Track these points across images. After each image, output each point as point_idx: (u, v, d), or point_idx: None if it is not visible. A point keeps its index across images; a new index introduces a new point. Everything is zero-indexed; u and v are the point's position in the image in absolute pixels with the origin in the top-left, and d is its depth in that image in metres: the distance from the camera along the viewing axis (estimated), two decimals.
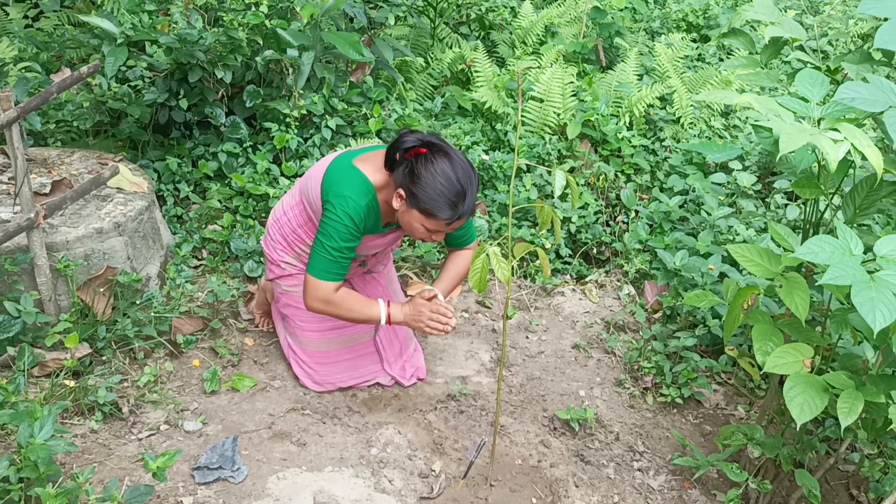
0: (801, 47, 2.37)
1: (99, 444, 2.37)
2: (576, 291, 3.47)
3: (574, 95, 4.34)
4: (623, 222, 3.85)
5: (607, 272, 3.61)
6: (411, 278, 3.40)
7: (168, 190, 3.51)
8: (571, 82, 4.37)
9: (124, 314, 2.75)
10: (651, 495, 2.51)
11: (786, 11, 5.77)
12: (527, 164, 3.73)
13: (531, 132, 4.30)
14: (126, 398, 2.53)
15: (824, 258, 1.71)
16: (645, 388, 2.95)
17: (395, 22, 4.81)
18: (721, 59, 5.53)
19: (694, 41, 5.72)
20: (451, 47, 5.03)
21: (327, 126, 3.68)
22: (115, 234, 2.80)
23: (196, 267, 3.26)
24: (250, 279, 3.21)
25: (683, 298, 3.12)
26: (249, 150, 3.64)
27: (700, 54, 5.57)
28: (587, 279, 3.56)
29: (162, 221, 3.18)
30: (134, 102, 3.42)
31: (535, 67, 4.64)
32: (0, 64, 3.46)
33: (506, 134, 4.23)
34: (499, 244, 3.41)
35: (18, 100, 2.98)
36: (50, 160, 3.18)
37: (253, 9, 3.48)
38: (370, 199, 2.36)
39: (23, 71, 3.51)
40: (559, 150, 4.17)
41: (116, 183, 3.02)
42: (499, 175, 3.92)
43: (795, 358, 1.92)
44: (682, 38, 5.40)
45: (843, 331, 2.12)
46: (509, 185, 3.85)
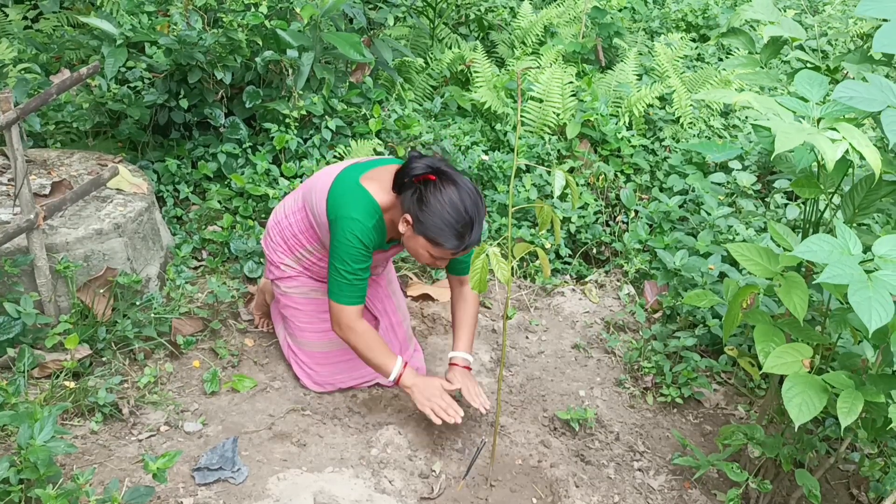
0: (800, 47, 2.37)
1: (99, 445, 2.37)
2: (576, 291, 3.47)
3: (573, 95, 4.35)
4: (623, 222, 3.85)
5: (607, 272, 3.61)
6: (411, 279, 3.40)
7: (168, 191, 3.51)
8: (571, 82, 4.37)
9: (124, 315, 2.75)
10: (651, 495, 2.51)
11: (785, 11, 5.78)
12: (526, 165, 3.73)
13: (531, 132, 4.30)
14: (126, 399, 2.53)
15: (822, 257, 1.71)
16: (645, 388, 2.95)
17: (395, 22, 4.81)
18: (720, 59, 5.53)
19: (693, 41, 5.72)
20: (450, 48, 5.03)
21: (327, 127, 3.68)
22: (115, 236, 2.80)
23: (196, 268, 3.26)
24: (250, 280, 3.21)
25: (683, 298, 3.12)
26: (249, 150, 3.64)
27: (699, 54, 5.57)
28: (587, 279, 3.56)
29: (162, 222, 3.18)
30: (133, 103, 3.42)
31: (534, 68, 4.64)
32: (0, 65, 3.46)
33: (505, 134, 4.23)
34: (498, 244, 3.41)
35: (18, 101, 2.98)
36: (49, 161, 3.18)
37: (252, 10, 3.48)
38: (377, 220, 2.37)
39: (22, 72, 3.51)
40: (559, 151, 4.17)
41: (116, 184, 3.02)
42: (498, 175, 3.92)
43: (794, 358, 1.92)
44: (682, 37, 5.40)
45: (842, 330, 2.12)
46: (509, 186, 3.85)
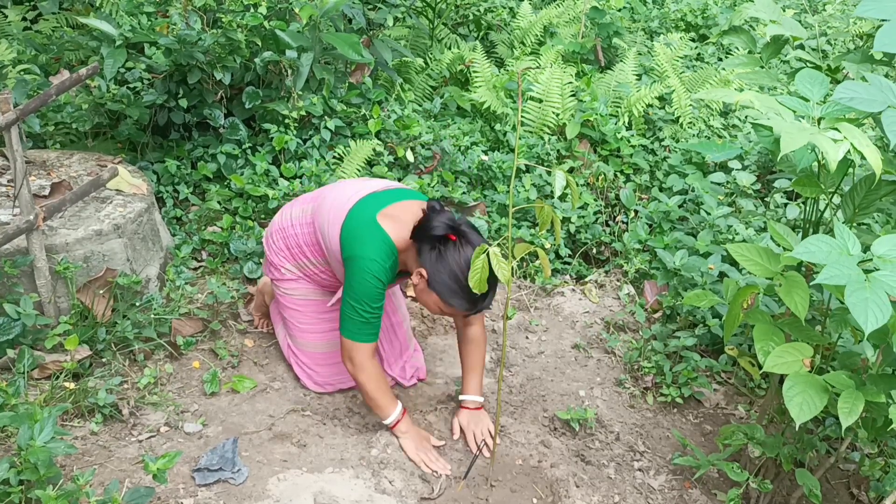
0: (800, 46, 2.37)
1: (99, 446, 2.37)
2: (575, 291, 3.47)
3: (573, 95, 4.35)
4: (622, 222, 3.85)
5: (607, 272, 3.61)
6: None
7: (167, 192, 3.51)
8: (570, 82, 4.38)
9: (124, 316, 2.75)
10: (652, 495, 2.51)
11: (784, 11, 5.78)
12: (526, 165, 3.73)
13: (530, 132, 4.30)
14: (126, 400, 2.53)
15: (821, 257, 1.71)
16: (645, 388, 2.95)
17: (394, 23, 4.81)
18: (720, 59, 5.54)
19: (692, 41, 5.72)
20: (449, 48, 5.03)
21: (326, 127, 3.68)
22: (115, 236, 2.80)
23: (196, 268, 3.26)
24: (250, 280, 3.21)
25: (683, 298, 3.12)
26: (248, 151, 3.63)
27: (699, 54, 5.57)
28: (587, 279, 3.56)
29: (161, 223, 3.18)
30: (133, 104, 3.42)
31: (533, 68, 4.64)
32: None
33: (505, 134, 4.23)
34: (498, 244, 3.41)
35: (17, 102, 2.98)
36: (49, 162, 3.18)
37: (251, 10, 3.48)
38: (393, 260, 2.39)
39: (21, 73, 3.51)
40: (558, 151, 4.17)
41: (116, 185, 3.02)
42: (498, 175, 3.92)
43: (795, 357, 1.92)
44: (681, 37, 5.40)
45: (842, 330, 2.12)
46: (509, 186, 3.85)
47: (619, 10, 5.40)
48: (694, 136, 4.45)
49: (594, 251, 3.75)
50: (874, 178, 2.08)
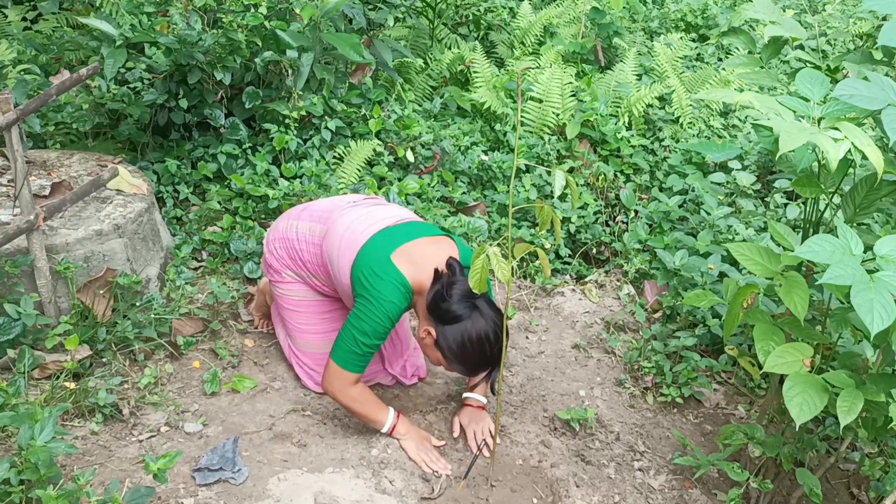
0: (800, 46, 2.37)
1: (99, 445, 2.37)
2: (575, 291, 3.47)
3: (573, 96, 4.35)
4: (622, 222, 3.85)
5: (607, 272, 3.61)
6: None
7: (167, 192, 3.51)
8: (570, 82, 4.38)
9: (124, 316, 2.75)
10: (652, 495, 2.51)
11: (784, 11, 5.78)
12: (526, 165, 3.74)
13: (530, 132, 4.30)
14: (126, 400, 2.53)
15: (824, 257, 1.71)
16: (645, 388, 2.95)
17: (394, 23, 4.81)
18: (720, 59, 5.54)
19: (692, 41, 5.72)
20: (449, 48, 5.03)
21: (327, 127, 3.68)
22: (115, 236, 2.80)
23: (196, 268, 3.26)
24: (250, 280, 3.21)
25: (683, 298, 3.12)
26: (249, 151, 3.63)
27: (699, 54, 5.58)
28: (587, 279, 3.56)
29: (161, 223, 3.18)
30: (133, 104, 3.42)
31: (533, 68, 4.64)
32: None
33: (505, 134, 4.23)
34: (498, 244, 3.41)
35: (18, 102, 2.98)
36: (49, 162, 3.18)
37: (252, 10, 3.48)
38: (409, 302, 2.41)
39: (22, 73, 3.51)
40: (558, 151, 4.17)
41: (116, 185, 3.02)
42: (498, 175, 3.92)
43: (795, 357, 1.92)
44: (681, 38, 5.40)
45: (842, 330, 2.13)
46: (509, 186, 3.85)
47: (619, 11, 5.39)
48: (694, 136, 4.45)
49: (594, 251, 3.75)
50: (875, 178, 2.08)
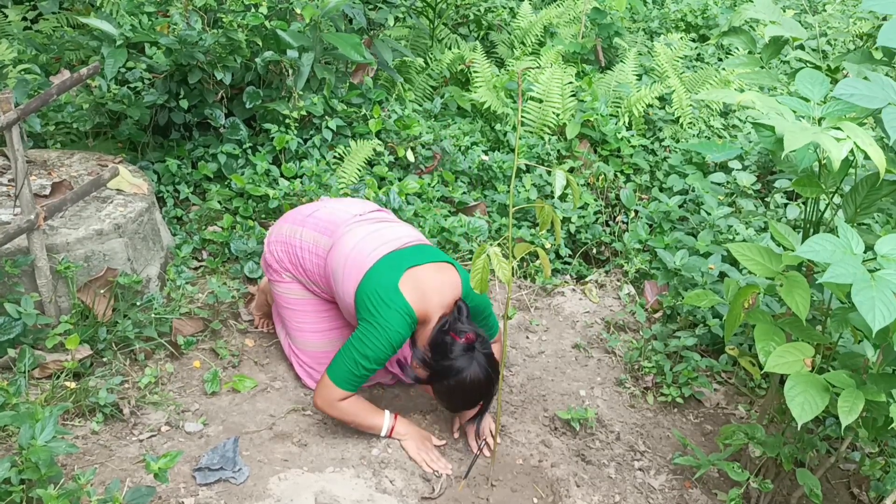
0: (800, 46, 2.37)
1: (100, 445, 2.37)
2: (576, 291, 3.47)
3: (573, 96, 4.35)
4: (623, 222, 3.85)
5: (607, 272, 3.62)
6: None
7: (168, 191, 3.51)
8: (570, 82, 4.38)
9: (125, 315, 2.75)
10: (652, 495, 2.51)
11: (784, 11, 5.78)
12: (526, 165, 3.74)
13: (530, 132, 4.30)
14: (127, 399, 2.53)
15: (825, 256, 1.72)
16: (645, 388, 2.95)
17: (394, 23, 4.81)
18: (720, 59, 5.54)
19: (693, 41, 5.73)
20: (450, 48, 5.03)
21: (327, 127, 3.68)
22: (116, 236, 2.80)
23: (196, 268, 3.26)
24: (250, 280, 3.21)
25: (683, 298, 3.12)
26: (249, 151, 3.63)
27: (699, 54, 5.58)
28: (587, 279, 3.56)
29: (162, 223, 3.18)
30: (133, 104, 3.42)
31: (534, 68, 4.64)
32: (0, 66, 3.47)
33: (505, 134, 4.24)
34: (499, 244, 3.41)
35: (18, 101, 2.98)
36: (50, 162, 3.18)
37: (252, 10, 3.48)
38: (412, 331, 2.42)
39: (22, 73, 3.51)
40: (558, 151, 4.17)
41: (116, 184, 3.02)
42: (498, 175, 3.92)
43: (796, 357, 1.93)
44: (681, 38, 5.40)
45: (843, 329, 2.13)
46: (509, 186, 3.85)
47: (621, 12, 5.39)
48: (694, 136, 4.46)
49: (594, 251, 3.75)
50: (876, 178, 2.08)
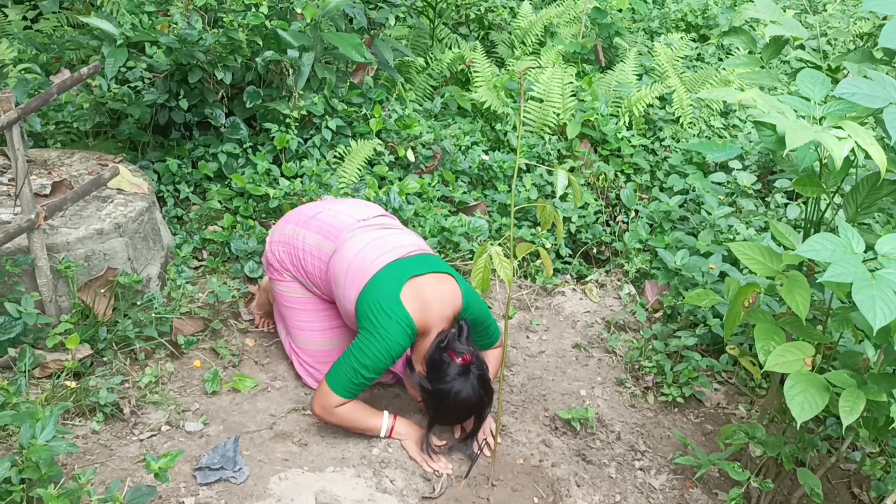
0: (801, 46, 2.37)
1: (100, 444, 2.36)
2: (576, 291, 3.47)
3: (573, 95, 4.35)
4: (623, 222, 3.85)
5: (607, 272, 3.62)
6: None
7: (168, 191, 3.51)
8: (571, 82, 4.38)
9: (125, 315, 2.75)
10: (653, 494, 2.51)
11: (784, 11, 5.78)
12: (527, 164, 3.74)
13: (531, 132, 4.30)
14: (127, 399, 2.52)
15: (826, 256, 1.72)
16: (646, 388, 2.95)
17: (395, 22, 4.81)
18: (720, 59, 5.54)
19: (693, 41, 5.73)
20: (450, 48, 5.03)
21: (327, 127, 3.68)
22: (116, 235, 2.80)
23: (196, 268, 3.26)
24: (251, 280, 3.21)
25: (684, 298, 3.12)
26: (249, 150, 3.63)
27: (699, 54, 5.58)
28: (587, 279, 3.56)
29: (162, 222, 3.18)
30: (134, 103, 3.42)
31: (534, 68, 4.64)
32: (0, 65, 3.46)
33: (505, 134, 4.23)
34: (500, 244, 3.41)
35: (18, 101, 2.98)
36: (50, 161, 3.18)
37: (253, 10, 3.48)
38: (412, 342, 2.43)
39: (22, 72, 3.51)
40: (559, 150, 4.17)
41: (116, 184, 3.01)
42: (499, 175, 3.92)
43: (796, 357, 1.93)
44: (682, 38, 5.40)
45: (844, 329, 2.13)
46: (509, 185, 3.85)
47: (621, 11, 5.39)
48: (694, 136, 4.46)
49: (595, 251, 3.75)
50: (876, 178, 2.08)
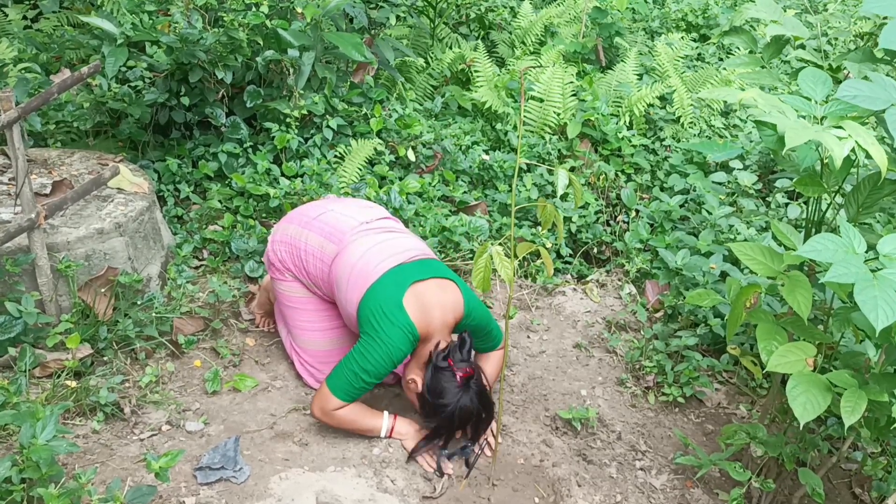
0: (801, 46, 2.37)
1: (101, 444, 2.36)
2: (577, 291, 3.47)
3: (574, 95, 4.35)
4: (623, 222, 3.85)
5: (608, 272, 3.61)
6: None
7: (168, 190, 3.51)
8: (571, 82, 4.38)
9: (125, 315, 2.74)
10: (653, 494, 2.51)
11: (785, 11, 5.78)
12: (527, 164, 3.74)
13: (531, 132, 4.30)
14: (128, 399, 2.52)
15: (827, 256, 1.71)
16: (647, 388, 2.95)
17: (395, 22, 4.81)
18: (720, 59, 5.54)
19: (693, 41, 5.73)
20: (450, 47, 5.03)
21: (328, 126, 3.68)
22: (116, 235, 2.80)
23: (197, 267, 3.25)
24: (251, 279, 3.21)
25: (685, 298, 3.12)
26: (250, 150, 3.63)
27: (699, 54, 5.58)
28: (588, 279, 3.56)
29: (162, 222, 3.18)
30: (134, 103, 3.41)
31: (535, 67, 4.64)
32: (0, 65, 3.46)
33: (506, 134, 4.23)
34: (500, 244, 3.41)
35: (19, 100, 2.98)
36: (50, 161, 3.18)
37: (253, 9, 3.48)
38: (414, 348, 2.44)
39: (23, 72, 3.51)
40: (559, 150, 4.17)
41: (117, 183, 3.01)
42: (499, 175, 3.92)
43: (798, 357, 1.92)
44: (682, 37, 5.40)
45: (845, 329, 2.12)
46: (510, 185, 3.85)
47: (622, 11, 5.39)
48: (695, 135, 4.45)
49: (595, 251, 3.75)
50: (878, 178, 2.08)
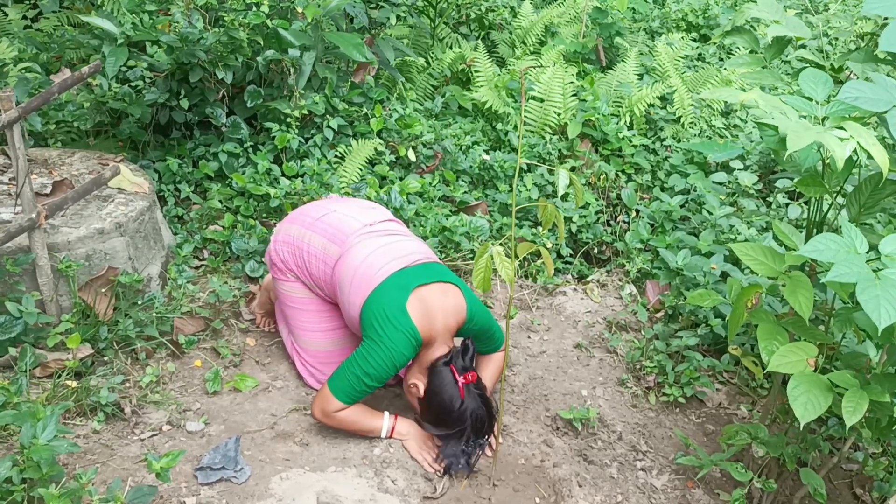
0: (803, 46, 2.37)
1: (101, 444, 2.36)
2: (577, 291, 3.47)
3: (574, 95, 4.35)
4: (624, 222, 3.85)
5: (608, 272, 3.61)
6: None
7: (169, 190, 3.51)
8: (572, 82, 4.38)
9: (126, 315, 2.74)
10: (654, 495, 2.51)
11: (786, 11, 5.77)
12: (528, 164, 3.73)
13: (532, 132, 4.30)
14: (128, 399, 2.52)
15: (829, 256, 1.71)
16: (647, 388, 2.94)
17: (396, 22, 4.81)
18: (721, 59, 5.54)
19: (694, 41, 5.73)
20: (451, 47, 5.03)
21: (328, 126, 3.68)
22: (117, 235, 2.80)
23: (197, 267, 3.25)
24: (251, 279, 3.20)
25: (685, 298, 3.12)
26: (250, 150, 3.63)
27: (700, 54, 5.58)
28: (589, 279, 3.56)
29: (163, 222, 3.18)
30: (134, 103, 3.41)
31: (535, 67, 4.64)
32: (0, 64, 3.46)
33: (506, 134, 4.23)
34: (501, 244, 3.41)
35: (19, 100, 2.98)
36: (51, 161, 3.17)
37: (254, 9, 3.48)
38: (416, 353, 2.44)
39: (23, 71, 3.51)
40: (560, 150, 4.17)
41: (117, 183, 3.01)
42: (499, 175, 3.92)
43: (799, 357, 1.92)
44: (682, 37, 5.40)
45: (846, 329, 2.12)
46: (511, 185, 3.85)
47: (622, 11, 5.39)
48: (695, 135, 4.45)
49: (595, 251, 3.75)
50: (879, 178, 2.08)
